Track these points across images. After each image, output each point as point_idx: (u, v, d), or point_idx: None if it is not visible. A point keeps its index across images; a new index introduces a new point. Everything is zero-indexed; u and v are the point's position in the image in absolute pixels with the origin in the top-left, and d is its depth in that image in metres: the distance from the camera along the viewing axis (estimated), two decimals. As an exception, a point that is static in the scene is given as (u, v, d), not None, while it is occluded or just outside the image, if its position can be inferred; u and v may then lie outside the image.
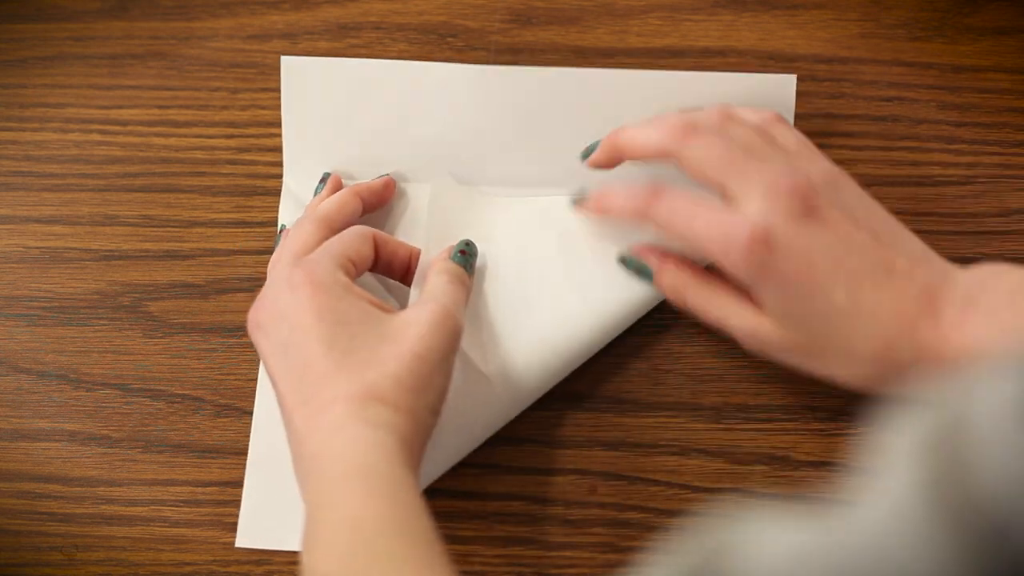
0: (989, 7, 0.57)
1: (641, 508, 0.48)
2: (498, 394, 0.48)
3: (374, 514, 0.37)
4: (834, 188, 0.45)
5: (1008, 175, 0.54)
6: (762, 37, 0.57)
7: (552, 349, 0.49)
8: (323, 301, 0.42)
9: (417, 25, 0.58)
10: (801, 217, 0.42)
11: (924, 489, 0.25)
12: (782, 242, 0.42)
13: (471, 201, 0.53)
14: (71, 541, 0.48)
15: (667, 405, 0.50)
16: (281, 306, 0.43)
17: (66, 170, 0.56)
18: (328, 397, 0.40)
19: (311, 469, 0.40)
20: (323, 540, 0.37)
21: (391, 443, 0.39)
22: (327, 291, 0.42)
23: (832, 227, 0.43)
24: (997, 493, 0.24)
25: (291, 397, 0.41)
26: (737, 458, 0.49)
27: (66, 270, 0.53)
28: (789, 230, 0.42)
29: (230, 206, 0.55)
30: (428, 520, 0.38)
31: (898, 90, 0.56)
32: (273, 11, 0.59)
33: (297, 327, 0.42)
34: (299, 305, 0.42)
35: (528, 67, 0.53)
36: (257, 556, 0.48)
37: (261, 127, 0.56)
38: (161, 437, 0.50)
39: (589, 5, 0.58)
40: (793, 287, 0.42)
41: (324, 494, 0.39)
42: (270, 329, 0.43)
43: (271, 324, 0.43)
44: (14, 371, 0.51)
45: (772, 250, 0.42)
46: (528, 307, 0.50)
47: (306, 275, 0.43)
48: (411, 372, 0.41)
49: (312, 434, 0.40)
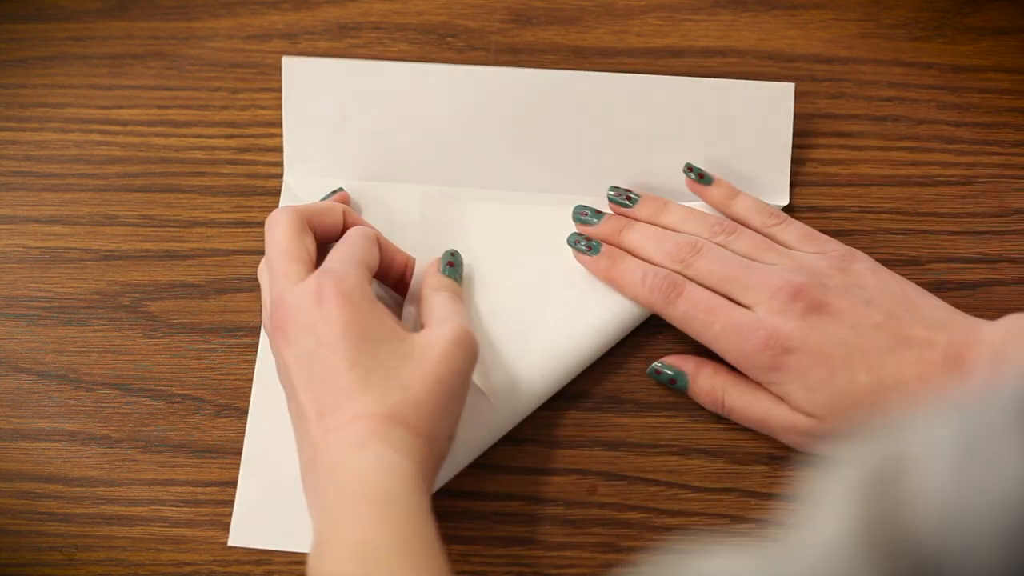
0: (989, 7, 0.57)
1: (641, 508, 0.48)
2: (497, 409, 0.48)
3: (387, 541, 0.37)
4: (843, 273, 0.46)
5: (1008, 175, 0.54)
6: (762, 37, 0.57)
7: (552, 361, 0.49)
8: (351, 316, 0.42)
9: (417, 25, 0.58)
10: (808, 315, 0.45)
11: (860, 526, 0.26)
12: (796, 339, 0.44)
13: (462, 211, 0.53)
14: (71, 541, 0.48)
15: (667, 405, 0.50)
16: (309, 317, 0.42)
17: (66, 170, 0.56)
18: (350, 413, 0.40)
19: (326, 482, 0.40)
20: (332, 558, 0.37)
21: (410, 468, 0.39)
22: (355, 305, 0.42)
23: (841, 315, 0.45)
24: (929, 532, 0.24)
25: (310, 408, 0.41)
26: (737, 458, 0.49)
27: (66, 270, 0.53)
28: (800, 329, 0.44)
29: (230, 206, 0.55)
30: (439, 549, 0.38)
31: (898, 90, 0.56)
32: (273, 11, 0.59)
33: (324, 340, 0.42)
34: (327, 318, 0.42)
35: (528, 69, 0.53)
36: (257, 556, 0.48)
37: (261, 127, 0.56)
38: (161, 437, 0.50)
39: (589, 5, 0.58)
40: (813, 380, 0.44)
41: (338, 511, 0.39)
42: (293, 338, 0.42)
43: (295, 334, 0.42)
44: (14, 371, 0.51)
45: (787, 350, 0.44)
46: (526, 320, 0.50)
47: (335, 285, 0.43)
48: (431, 396, 0.41)
49: (330, 448, 0.40)
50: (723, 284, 0.47)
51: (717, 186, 0.51)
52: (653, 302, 0.48)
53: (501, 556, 0.48)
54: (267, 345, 0.50)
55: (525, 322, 0.50)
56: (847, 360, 0.44)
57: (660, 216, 0.51)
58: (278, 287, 0.44)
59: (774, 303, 0.45)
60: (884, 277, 0.47)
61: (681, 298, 0.47)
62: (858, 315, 0.45)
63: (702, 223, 0.50)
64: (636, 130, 0.53)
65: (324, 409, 0.41)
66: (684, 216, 0.50)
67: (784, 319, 0.45)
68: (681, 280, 0.47)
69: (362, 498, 0.38)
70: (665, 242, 0.49)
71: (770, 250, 0.48)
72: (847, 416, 0.44)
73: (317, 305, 0.42)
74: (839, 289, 0.46)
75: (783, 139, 0.53)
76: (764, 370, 0.45)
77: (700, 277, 0.47)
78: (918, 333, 0.44)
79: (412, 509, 0.38)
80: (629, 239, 0.50)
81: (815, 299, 0.45)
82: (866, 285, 0.46)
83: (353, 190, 0.53)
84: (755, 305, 0.46)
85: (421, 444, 0.40)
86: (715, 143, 0.53)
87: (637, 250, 0.49)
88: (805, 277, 0.46)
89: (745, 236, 0.49)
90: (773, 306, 0.45)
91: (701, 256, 0.47)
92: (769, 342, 0.44)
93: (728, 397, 0.47)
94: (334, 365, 0.41)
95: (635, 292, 0.48)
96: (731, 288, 0.46)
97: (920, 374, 0.43)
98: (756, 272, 0.46)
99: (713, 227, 0.49)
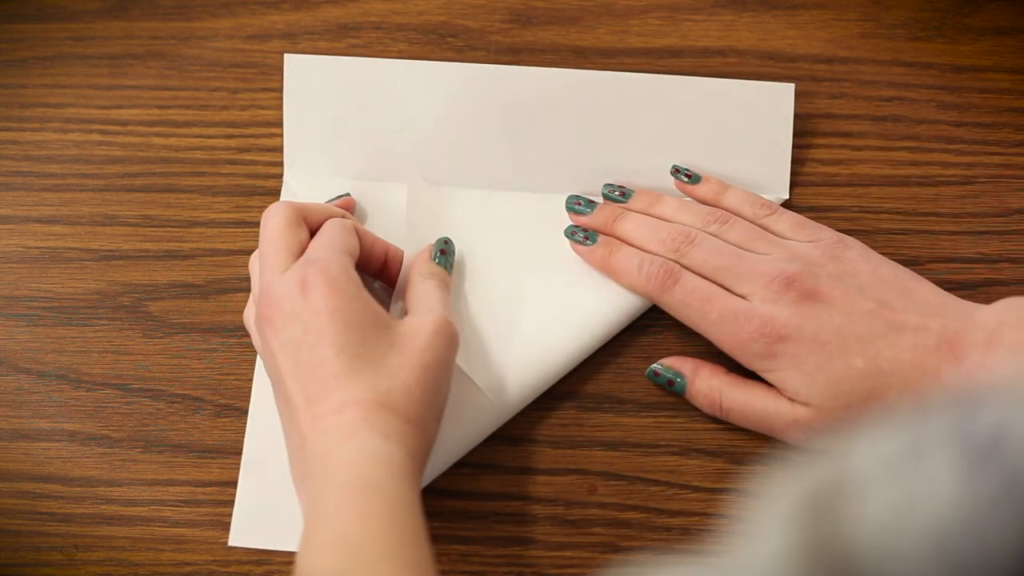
0: (989, 7, 0.57)
1: (641, 508, 0.48)
2: (490, 400, 0.48)
3: (370, 535, 0.37)
4: (835, 262, 0.47)
5: (1008, 175, 0.54)
6: (762, 37, 0.57)
7: (545, 354, 0.49)
8: (337, 301, 0.42)
9: (417, 25, 0.58)
10: (802, 303, 0.45)
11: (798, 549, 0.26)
12: (791, 327, 0.45)
13: (451, 200, 0.53)
14: (71, 541, 0.48)
15: (667, 405, 0.50)
16: (294, 305, 0.42)
17: (66, 170, 0.56)
18: (338, 400, 0.40)
19: (313, 470, 0.40)
20: (316, 550, 0.37)
21: (399, 457, 0.39)
22: (341, 291, 0.42)
23: (834, 303, 0.45)
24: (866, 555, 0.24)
25: (297, 396, 0.41)
26: (737, 458, 0.49)
27: (66, 270, 0.53)
28: (794, 317, 0.45)
29: (230, 206, 0.55)
30: (424, 543, 0.38)
31: (898, 90, 0.56)
32: (273, 11, 0.59)
33: (311, 328, 0.42)
34: (313, 305, 0.42)
35: (528, 68, 0.53)
36: (257, 556, 0.48)
37: (261, 127, 0.56)
38: (161, 437, 0.50)
39: (589, 5, 0.58)
40: (808, 365, 0.44)
41: (325, 501, 0.38)
42: (280, 326, 0.42)
43: (281, 322, 0.42)
44: (14, 371, 0.51)
45: (782, 338, 0.45)
46: (518, 310, 0.50)
47: (320, 273, 0.43)
48: (419, 383, 0.41)
49: (319, 435, 0.40)
50: (717, 273, 0.47)
51: (706, 183, 0.52)
52: (650, 290, 0.48)
53: (501, 556, 0.48)
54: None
55: (518, 311, 0.50)
56: (842, 346, 0.44)
57: (654, 208, 0.51)
58: (266, 276, 0.44)
59: (768, 292, 0.45)
60: (877, 263, 0.47)
61: (678, 285, 0.47)
62: (851, 303, 0.45)
63: (696, 214, 0.50)
64: (635, 130, 0.53)
65: (312, 396, 0.41)
66: (677, 207, 0.51)
67: (778, 307, 0.45)
68: (678, 268, 0.48)
69: (348, 489, 0.38)
70: (660, 231, 0.49)
71: (763, 240, 0.48)
72: (845, 403, 0.44)
73: (302, 293, 0.42)
74: (832, 277, 0.46)
75: (783, 139, 0.53)
76: (760, 358, 0.45)
77: (694, 266, 0.48)
78: (911, 319, 0.44)
79: (398, 501, 0.38)
80: (623, 228, 0.50)
81: (808, 287, 0.45)
82: (859, 272, 0.46)
83: (354, 189, 0.53)
84: (750, 295, 0.46)
85: (411, 430, 0.40)
86: (715, 143, 0.53)
87: (632, 238, 0.50)
88: (798, 266, 0.46)
89: (738, 226, 0.49)
90: (767, 295, 0.45)
91: (695, 246, 0.48)
92: (764, 330, 0.45)
93: (726, 398, 0.47)
94: (321, 352, 0.41)
95: (631, 280, 0.49)
96: (725, 277, 0.47)
97: (915, 360, 0.43)
98: (749, 261, 0.47)
99: (706, 217, 0.49)
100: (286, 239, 0.45)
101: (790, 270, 0.46)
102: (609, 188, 0.52)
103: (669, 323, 0.51)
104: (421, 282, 0.47)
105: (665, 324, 0.51)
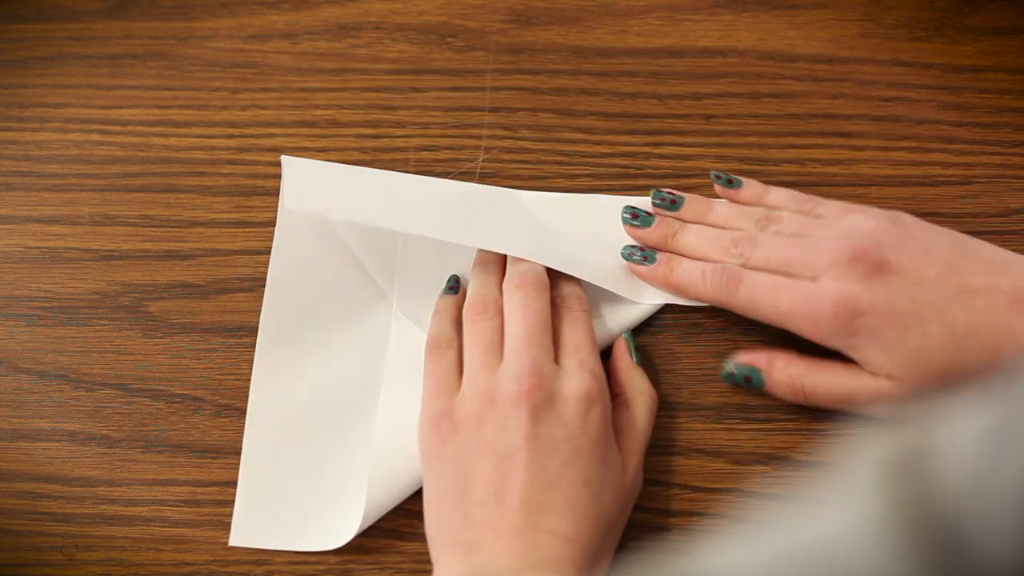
0: (989, 7, 0.57)
1: (641, 508, 0.48)
2: None
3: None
4: (893, 234, 0.46)
5: (1008, 175, 0.54)
6: (762, 37, 0.57)
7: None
8: (602, 435, 0.44)
9: (417, 25, 0.58)
10: (871, 276, 0.44)
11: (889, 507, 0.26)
12: (865, 302, 0.44)
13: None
14: (71, 541, 0.48)
15: (667, 405, 0.50)
16: (570, 409, 0.44)
17: (66, 170, 0.56)
18: (550, 525, 0.41)
19: (488, 565, 0.40)
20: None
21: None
22: (607, 426, 0.45)
23: (903, 272, 0.45)
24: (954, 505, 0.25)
25: (521, 493, 0.42)
26: (737, 458, 0.49)
27: (66, 270, 0.53)
28: (867, 290, 0.44)
29: (230, 206, 0.55)
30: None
31: (898, 90, 0.56)
32: (273, 11, 0.59)
33: (573, 441, 0.43)
34: (588, 422, 0.44)
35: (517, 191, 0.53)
36: (257, 556, 0.48)
37: (261, 127, 0.56)
38: (161, 437, 0.50)
39: (589, 5, 0.58)
40: (887, 338, 0.44)
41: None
42: (544, 417, 0.43)
43: (547, 414, 0.43)
44: (14, 371, 0.51)
45: (857, 313, 0.44)
46: None
47: (603, 400, 0.45)
48: (612, 530, 0.44)
49: (516, 542, 0.41)
50: (783, 267, 0.47)
51: (748, 186, 0.52)
52: (717, 296, 0.48)
53: (501, 556, 0.48)
54: (265, 345, 0.50)
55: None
56: (918, 314, 0.44)
57: (707, 216, 0.51)
58: (535, 353, 0.45)
59: (835, 270, 0.45)
60: (933, 228, 0.47)
61: (742, 286, 0.47)
62: (919, 268, 0.45)
63: (749, 216, 0.50)
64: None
65: (531, 504, 0.41)
66: (731, 213, 0.51)
67: (848, 283, 0.45)
68: (738, 269, 0.48)
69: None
70: (721, 240, 0.49)
71: (818, 226, 0.48)
72: (926, 372, 0.43)
73: (586, 405, 0.44)
74: (895, 244, 0.45)
75: None
76: (840, 335, 0.45)
77: (760, 266, 0.48)
78: (980, 280, 0.44)
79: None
80: (684, 242, 0.50)
81: (875, 259, 0.45)
82: (919, 236, 0.46)
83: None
84: (817, 276, 0.46)
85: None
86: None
87: (693, 252, 0.50)
88: (860, 240, 0.46)
89: (791, 219, 0.49)
90: (834, 273, 0.45)
91: (758, 247, 0.48)
92: (838, 308, 0.44)
93: (808, 382, 0.47)
94: (570, 473, 0.42)
95: (697, 291, 0.49)
96: (790, 268, 0.47)
97: (990, 321, 0.43)
98: (811, 246, 0.47)
99: (760, 219, 0.50)
100: (545, 334, 0.46)
101: (853, 244, 0.45)
102: (659, 197, 0.52)
103: (669, 323, 0.51)
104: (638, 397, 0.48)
105: (665, 324, 0.51)
